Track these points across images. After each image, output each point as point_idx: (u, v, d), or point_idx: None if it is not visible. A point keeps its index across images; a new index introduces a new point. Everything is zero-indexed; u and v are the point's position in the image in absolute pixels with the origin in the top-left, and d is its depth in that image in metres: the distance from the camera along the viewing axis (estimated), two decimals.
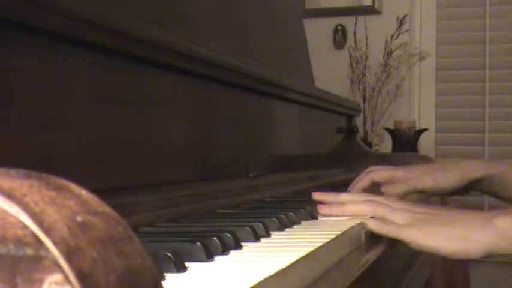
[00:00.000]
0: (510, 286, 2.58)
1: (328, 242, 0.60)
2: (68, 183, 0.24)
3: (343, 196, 0.88)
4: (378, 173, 1.08)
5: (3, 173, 0.23)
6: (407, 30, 2.58)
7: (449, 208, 0.88)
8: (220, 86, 0.94)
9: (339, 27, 2.76)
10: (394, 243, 0.80)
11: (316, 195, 0.88)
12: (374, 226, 0.78)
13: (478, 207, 2.51)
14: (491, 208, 2.45)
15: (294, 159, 1.31)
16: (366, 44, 2.59)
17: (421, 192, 1.09)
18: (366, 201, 0.85)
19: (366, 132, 2.52)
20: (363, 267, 0.63)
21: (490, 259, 2.50)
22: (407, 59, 2.56)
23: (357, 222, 0.75)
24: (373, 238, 0.77)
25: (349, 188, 1.09)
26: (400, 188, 1.08)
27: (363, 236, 0.74)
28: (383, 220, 0.79)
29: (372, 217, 0.81)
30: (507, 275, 2.61)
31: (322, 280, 0.53)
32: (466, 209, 0.89)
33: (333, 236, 0.63)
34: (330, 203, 0.86)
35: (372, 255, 0.69)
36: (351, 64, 2.59)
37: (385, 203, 0.84)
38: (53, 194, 0.22)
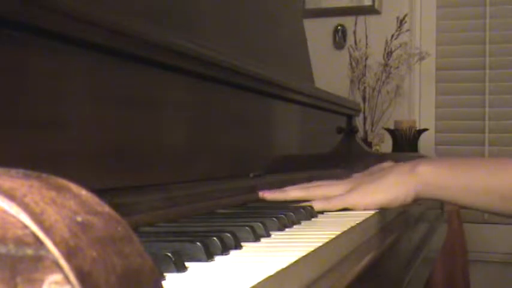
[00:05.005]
0: (510, 286, 2.58)
1: (328, 242, 0.60)
2: (68, 183, 0.24)
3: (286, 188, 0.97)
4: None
5: (3, 173, 0.23)
6: (407, 30, 2.58)
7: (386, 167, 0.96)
8: (220, 86, 0.94)
9: (339, 27, 2.76)
10: (398, 237, 0.84)
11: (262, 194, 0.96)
12: (318, 205, 0.84)
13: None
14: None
15: (294, 159, 1.31)
16: (366, 44, 2.59)
17: None
18: (304, 186, 0.95)
19: (366, 132, 2.52)
20: (364, 266, 0.63)
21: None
22: (407, 59, 2.56)
23: (357, 222, 0.75)
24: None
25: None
26: None
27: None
28: (326, 198, 0.87)
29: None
30: (507, 275, 2.61)
31: (322, 280, 0.53)
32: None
33: (333, 236, 0.63)
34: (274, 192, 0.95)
35: (373, 254, 0.69)
36: (351, 64, 2.59)
37: (323, 184, 0.94)
38: (53, 194, 0.22)
